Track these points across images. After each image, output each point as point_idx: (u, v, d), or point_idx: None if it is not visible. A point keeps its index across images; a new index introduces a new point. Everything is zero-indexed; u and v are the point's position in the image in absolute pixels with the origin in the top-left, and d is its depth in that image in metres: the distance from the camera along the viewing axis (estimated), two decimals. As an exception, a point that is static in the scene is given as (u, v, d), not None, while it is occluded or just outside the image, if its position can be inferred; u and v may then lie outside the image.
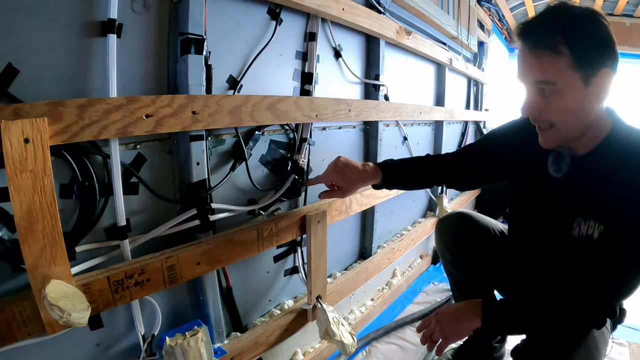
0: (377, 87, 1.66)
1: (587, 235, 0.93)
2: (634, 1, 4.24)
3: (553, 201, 1.01)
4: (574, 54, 0.79)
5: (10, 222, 0.68)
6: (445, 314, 1.01)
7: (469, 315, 0.97)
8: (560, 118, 0.86)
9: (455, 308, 1.02)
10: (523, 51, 0.85)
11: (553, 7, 0.84)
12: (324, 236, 1.28)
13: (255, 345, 1.14)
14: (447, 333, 0.99)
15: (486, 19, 3.37)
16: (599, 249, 0.91)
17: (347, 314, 1.72)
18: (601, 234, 0.90)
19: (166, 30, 0.90)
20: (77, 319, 0.67)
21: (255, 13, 1.10)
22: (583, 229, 0.94)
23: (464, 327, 0.98)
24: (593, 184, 0.92)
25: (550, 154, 0.98)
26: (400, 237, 2.07)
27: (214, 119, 0.92)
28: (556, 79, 0.82)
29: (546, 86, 0.83)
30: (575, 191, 0.96)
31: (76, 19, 0.75)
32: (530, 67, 0.84)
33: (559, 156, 0.97)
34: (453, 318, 0.99)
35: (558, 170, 0.97)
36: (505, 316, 0.96)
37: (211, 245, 0.97)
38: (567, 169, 0.96)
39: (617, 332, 1.07)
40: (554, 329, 0.92)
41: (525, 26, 0.86)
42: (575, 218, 0.95)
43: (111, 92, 0.78)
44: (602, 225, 0.91)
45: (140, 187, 0.89)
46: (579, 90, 0.83)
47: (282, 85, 1.23)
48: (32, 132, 0.63)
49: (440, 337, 1.00)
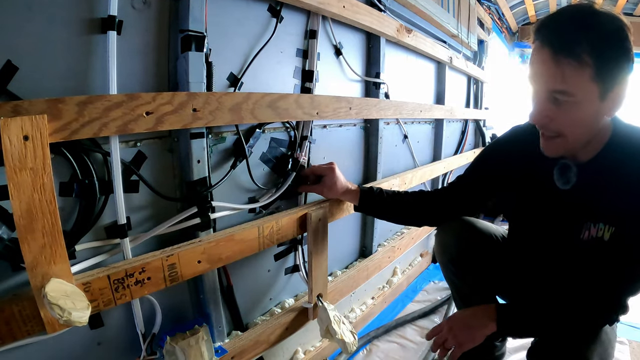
0: (378, 85, 1.65)
1: (597, 238, 0.92)
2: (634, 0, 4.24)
3: (559, 209, 1.00)
4: (598, 66, 0.75)
5: (10, 221, 0.67)
6: (458, 320, 0.99)
7: (483, 320, 0.95)
8: (570, 129, 0.83)
9: (468, 314, 0.99)
10: (542, 54, 0.79)
11: (579, 11, 0.79)
12: (325, 234, 1.28)
13: (256, 344, 1.14)
14: (461, 340, 0.96)
15: (486, 18, 3.37)
16: (610, 250, 0.89)
17: (347, 313, 1.72)
18: (612, 235, 0.89)
19: (166, 27, 0.90)
20: (77, 318, 0.67)
21: (256, 10, 1.10)
22: (593, 232, 0.92)
23: (478, 333, 0.96)
24: (599, 188, 0.91)
25: (555, 167, 0.96)
26: (400, 235, 2.06)
27: (214, 117, 0.92)
28: (576, 91, 0.77)
29: (563, 96, 0.79)
30: (581, 197, 0.94)
31: (76, 16, 0.75)
32: (549, 75, 0.78)
33: (565, 168, 0.94)
34: (467, 324, 0.97)
35: (567, 183, 0.94)
36: (520, 319, 0.95)
37: (212, 244, 0.96)
38: (576, 179, 0.93)
39: (618, 330, 1.07)
40: (568, 328, 0.91)
41: (547, 26, 0.80)
42: (584, 223, 0.94)
43: (111, 89, 0.78)
44: (612, 227, 0.89)
45: (141, 185, 0.89)
46: (595, 104, 0.79)
47: (283, 83, 1.23)
48: (31, 130, 0.62)
49: (454, 344, 0.97)
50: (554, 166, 0.97)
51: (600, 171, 0.91)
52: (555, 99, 0.80)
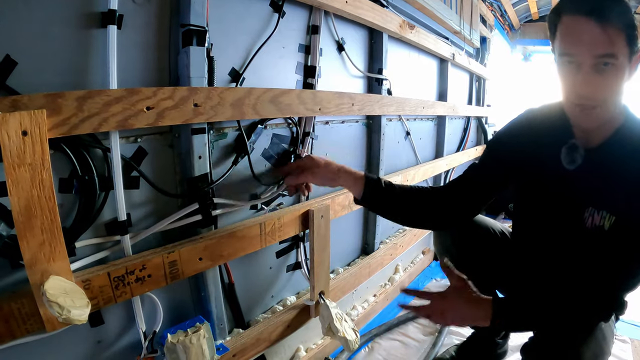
0: (380, 82, 1.64)
1: (599, 226, 0.93)
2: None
3: (564, 192, 1.00)
4: (626, 30, 0.80)
5: (9, 217, 0.66)
6: (453, 309, 0.98)
7: (478, 315, 0.94)
8: (611, 96, 0.86)
9: (464, 306, 0.97)
10: (586, 24, 0.81)
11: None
12: (327, 231, 1.27)
13: (257, 341, 1.13)
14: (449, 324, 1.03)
15: (488, 14, 3.35)
16: (608, 241, 0.91)
17: (349, 310, 1.71)
18: (612, 225, 0.91)
19: (167, 21, 0.89)
20: (76, 316, 0.66)
21: (258, 5, 1.09)
22: (596, 219, 0.94)
23: (468, 323, 1.00)
24: (605, 175, 0.92)
25: (564, 146, 0.98)
26: (402, 232, 2.06)
27: (216, 112, 0.91)
28: (618, 52, 0.81)
29: (610, 59, 0.81)
30: (587, 182, 0.95)
31: (76, 10, 0.74)
32: (598, 41, 0.81)
33: (572, 148, 0.96)
34: (460, 315, 0.97)
35: (572, 162, 0.96)
36: (514, 319, 0.94)
37: (213, 241, 0.96)
38: (582, 160, 0.95)
39: (620, 328, 1.06)
40: (562, 326, 0.91)
41: None
42: (587, 208, 0.95)
43: (111, 84, 0.77)
44: (613, 216, 0.91)
45: (141, 181, 0.88)
46: (626, 66, 0.84)
47: (285, 79, 1.22)
48: (30, 125, 0.61)
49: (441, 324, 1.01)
50: (562, 147, 0.99)
51: (607, 158, 0.92)
52: (598, 68, 0.83)
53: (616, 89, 0.86)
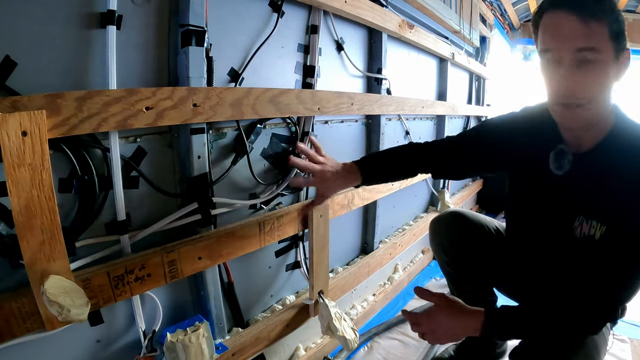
0: (380, 81, 1.64)
1: (589, 236, 0.90)
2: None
3: (553, 199, 0.98)
4: (610, 25, 0.79)
5: (9, 217, 0.67)
6: (442, 329, 0.97)
7: (468, 328, 0.94)
8: (594, 94, 0.83)
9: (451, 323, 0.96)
10: (567, 18, 0.80)
11: None
12: (326, 230, 1.27)
13: (256, 340, 1.13)
14: (441, 342, 1.01)
15: (488, 14, 3.35)
16: (600, 251, 0.88)
17: (348, 309, 1.71)
18: (603, 235, 0.88)
19: (166, 21, 0.89)
20: (76, 315, 0.66)
21: (257, 5, 1.09)
22: (585, 229, 0.91)
23: (460, 338, 0.99)
24: (595, 183, 0.90)
25: (552, 151, 0.96)
26: (402, 232, 2.06)
27: (215, 112, 0.91)
28: (601, 47, 0.79)
29: (591, 54, 0.79)
30: (576, 189, 0.93)
31: (75, 10, 0.74)
32: (578, 34, 0.79)
33: (560, 153, 0.94)
34: (452, 332, 0.96)
35: (560, 168, 0.94)
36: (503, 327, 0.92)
37: (212, 240, 0.96)
38: (570, 166, 0.93)
39: (619, 328, 1.06)
40: (553, 336, 0.89)
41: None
42: (577, 217, 0.93)
43: (111, 84, 0.77)
44: (604, 225, 0.88)
45: (141, 181, 0.88)
46: (612, 63, 0.81)
47: (284, 79, 1.22)
48: (30, 125, 0.61)
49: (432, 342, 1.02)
50: (551, 151, 0.97)
51: (596, 164, 0.90)
52: (580, 63, 0.81)
53: (601, 88, 0.83)
